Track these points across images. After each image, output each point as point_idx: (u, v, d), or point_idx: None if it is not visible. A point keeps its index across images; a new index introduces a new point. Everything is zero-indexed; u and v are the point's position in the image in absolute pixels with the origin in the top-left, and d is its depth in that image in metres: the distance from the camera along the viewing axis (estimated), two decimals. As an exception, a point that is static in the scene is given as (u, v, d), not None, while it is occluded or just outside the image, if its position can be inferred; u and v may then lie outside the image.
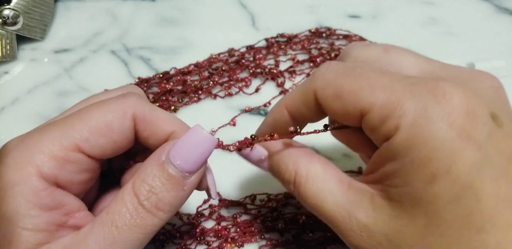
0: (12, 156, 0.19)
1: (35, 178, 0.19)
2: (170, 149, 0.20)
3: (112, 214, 0.19)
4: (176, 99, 0.40)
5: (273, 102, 0.41)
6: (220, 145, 0.22)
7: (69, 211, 0.20)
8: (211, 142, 0.21)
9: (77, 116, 0.21)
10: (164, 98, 0.40)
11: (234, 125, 0.40)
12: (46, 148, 0.19)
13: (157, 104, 0.40)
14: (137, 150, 0.24)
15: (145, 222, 0.19)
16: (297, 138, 0.32)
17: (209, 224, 0.34)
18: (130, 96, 0.22)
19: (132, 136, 0.21)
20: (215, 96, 0.41)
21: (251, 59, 0.43)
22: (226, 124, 0.39)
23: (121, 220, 0.19)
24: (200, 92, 0.41)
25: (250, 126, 0.40)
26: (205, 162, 0.21)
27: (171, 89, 0.40)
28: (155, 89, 0.41)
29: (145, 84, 0.41)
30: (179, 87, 0.41)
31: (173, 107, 0.40)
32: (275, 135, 0.23)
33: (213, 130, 0.39)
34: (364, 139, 0.23)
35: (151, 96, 0.40)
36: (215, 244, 0.33)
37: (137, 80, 0.41)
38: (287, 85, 0.42)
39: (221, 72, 0.42)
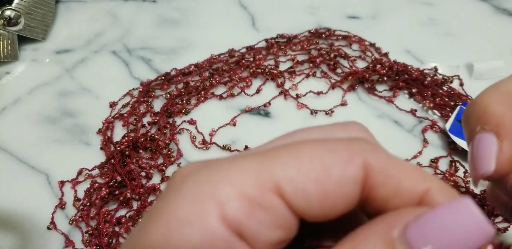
0: (190, 184, 0.14)
1: (214, 220, 0.13)
2: (409, 222, 0.13)
3: None
4: (184, 101, 0.41)
5: (273, 102, 0.41)
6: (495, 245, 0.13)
7: None
8: (486, 234, 0.12)
9: (284, 148, 0.14)
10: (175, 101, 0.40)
11: (234, 125, 0.40)
12: (237, 180, 0.13)
13: (170, 110, 0.40)
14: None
15: None
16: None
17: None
18: (358, 139, 0.15)
19: (357, 194, 0.14)
20: (221, 97, 0.41)
21: (251, 59, 0.43)
22: (226, 124, 0.40)
23: None
24: (202, 93, 0.41)
25: (250, 126, 0.40)
26: None
27: (180, 93, 0.40)
28: (159, 92, 0.41)
29: (151, 90, 0.41)
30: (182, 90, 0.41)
31: (184, 110, 0.40)
32: None
33: (213, 130, 0.39)
34: None
35: (162, 101, 0.41)
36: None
37: (140, 87, 0.41)
38: (287, 85, 0.42)
39: (222, 72, 0.42)
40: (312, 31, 0.45)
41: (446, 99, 0.40)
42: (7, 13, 0.41)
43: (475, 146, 0.19)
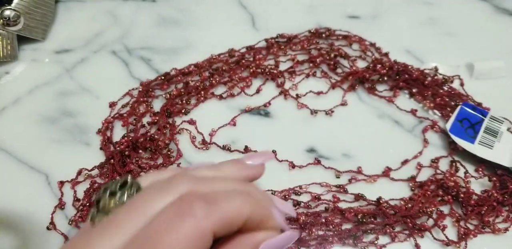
0: None
1: None
2: (262, 242, 0.21)
3: None
4: (184, 101, 0.40)
5: (273, 102, 0.41)
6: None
7: None
8: (295, 239, 0.23)
9: None
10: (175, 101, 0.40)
11: (234, 125, 0.40)
12: None
13: (170, 109, 0.40)
14: None
15: None
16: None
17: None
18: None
19: None
20: (221, 97, 0.41)
21: (251, 59, 0.43)
22: (226, 124, 0.40)
23: None
24: (202, 93, 0.41)
25: (250, 126, 0.40)
26: None
27: (180, 93, 0.40)
28: (158, 92, 0.41)
29: (150, 89, 0.41)
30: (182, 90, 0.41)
31: (184, 110, 0.40)
32: None
33: (213, 130, 0.39)
34: None
35: (162, 101, 0.41)
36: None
37: (140, 87, 0.41)
38: (287, 85, 0.42)
39: (222, 72, 0.42)
40: (312, 31, 0.45)
41: (447, 99, 0.40)
42: (7, 13, 0.41)
43: None
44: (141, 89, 0.41)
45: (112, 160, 0.36)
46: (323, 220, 0.34)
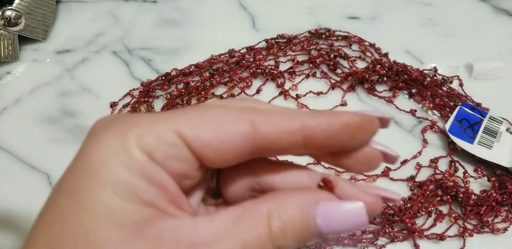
0: (106, 128, 0.18)
1: (134, 149, 0.16)
2: (320, 207, 0.17)
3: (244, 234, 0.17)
4: (184, 101, 0.41)
5: (273, 103, 0.41)
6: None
7: (171, 195, 0.17)
8: (363, 225, 0.18)
9: (191, 108, 0.18)
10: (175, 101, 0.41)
11: (234, 125, 0.40)
12: (148, 124, 0.17)
13: (170, 110, 0.40)
14: None
15: None
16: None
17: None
18: (248, 107, 0.18)
19: (247, 143, 0.17)
20: (221, 97, 0.41)
21: (251, 60, 0.43)
22: (226, 124, 0.40)
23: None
24: (203, 93, 0.41)
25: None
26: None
27: (181, 93, 0.41)
28: (159, 92, 0.42)
29: (151, 90, 0.41)
30: (182, 90, 0.41)
31: None
32: None
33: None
34: None
35: (162, 101, 0.41)
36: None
37: (141, 88, 0.41)
38: (287, 85, 0.42)
39: (222, 72, 0.42)
40: (312, 32, 0.45)
41: (446, 100, 0.40)
42: (8, 13, 0.41)
43: None
44: (142, 89, 0.41)
45: None
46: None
